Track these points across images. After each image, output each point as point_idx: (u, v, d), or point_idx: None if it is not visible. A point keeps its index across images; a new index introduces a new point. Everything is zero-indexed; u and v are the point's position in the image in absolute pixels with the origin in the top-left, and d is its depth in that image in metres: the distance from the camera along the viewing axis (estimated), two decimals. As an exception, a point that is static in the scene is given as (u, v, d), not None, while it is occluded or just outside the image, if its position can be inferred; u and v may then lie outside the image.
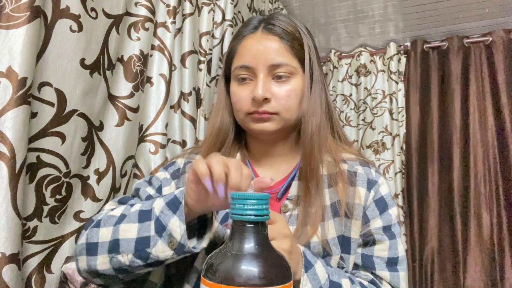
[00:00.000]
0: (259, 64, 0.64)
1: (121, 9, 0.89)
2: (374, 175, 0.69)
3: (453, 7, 2.10)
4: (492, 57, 2.26)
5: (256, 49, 0.65)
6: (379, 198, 0.67)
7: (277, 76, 0.65)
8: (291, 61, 0.65)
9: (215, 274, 0.35)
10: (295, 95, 0.66)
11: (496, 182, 2.14)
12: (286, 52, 0.65)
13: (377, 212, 0.66)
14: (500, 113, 2.19)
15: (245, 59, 0.66)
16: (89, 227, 0.59)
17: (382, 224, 0.66)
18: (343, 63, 2.71)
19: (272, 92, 0.64)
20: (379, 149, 2.47)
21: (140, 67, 0.94)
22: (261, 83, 0.64)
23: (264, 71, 0.64)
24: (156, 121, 1.01)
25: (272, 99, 0.64)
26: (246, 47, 0.67)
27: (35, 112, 0.68)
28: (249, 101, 0.65)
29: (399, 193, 2.38)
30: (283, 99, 0.64)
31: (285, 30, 0.66)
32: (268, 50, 0.64)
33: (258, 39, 0.66)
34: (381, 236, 0.65)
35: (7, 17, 0.62)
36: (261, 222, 0.37)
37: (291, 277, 0.37)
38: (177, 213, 0.51)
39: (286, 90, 0.65)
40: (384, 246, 0.65)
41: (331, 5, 2.11)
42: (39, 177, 0.70)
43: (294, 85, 0.65)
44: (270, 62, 0.64)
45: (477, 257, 2.11)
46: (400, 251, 0.66)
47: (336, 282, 0.57)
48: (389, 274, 0.64)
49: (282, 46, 0.65)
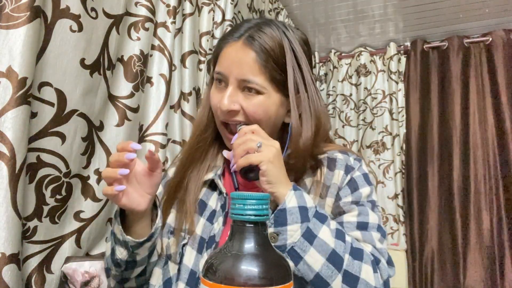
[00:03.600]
0: (231, 75, 0.65)
1: (121, 9, 0.89)
2: (353, 162, 0.70)
3: (453, 7, 2.10)
4: (492, 57, 2.26)
5: (232, 59, 0.66)
6: (350, 180, 0.68)
7: (247, 88, 0.65)
8: (261, 80, 0.64)
9: (215, 274, 0.35)
10: (263, 110, 0.65)
11: (496, 182, 2.14)
12: (259, 70, 0.64)
13: (348, 191, 0.67)
14: (500, 113, 2.19)
15: (222, 67, 0.67)
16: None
17: (351, 199, 0.66)
18: (343, 63, 2.71)
19: (241, 104, 0.65)
20: (379, 149, 2.47)
21: (140, 67, 0.94)
22: (228, 93, 0.65)
23: (234, 83, 0.65)
24: (156, 121, 1.01)
25: (241, 111, 0.66)
26: (225, 54, 0.68)
27: (35, 112, 0.68)
28: (219, 107, 0.66)
29: (399, 193, 2.38)
30: (250, 112, 0.65)
31: (264, 47, 0.65)
32: (241, 63, 0.65)
33: (236, 49, 0.66)
34: (349, 206, 0.65)
35: (7, 17, 0.62)
36: (261, 222, 0.37)
37: (291, 277, 0.37)
38: (116, 219, 0.60)
39: (253, 104, 0.65)
40: (353, 213, 0.65)
41: (331, 5, 2.11)
42: (39, 177, 0.70)
43: (262, 100, 0.65)
44: (240, 76, 0.65)
45: (477, 257, 2.11)
46: (371, 219, 0.64)
47: (322, 214, 0.58)
48: (360, 233, 0.63)
49: (256, 63, 0.64)
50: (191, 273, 0.62)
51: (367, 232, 0.63)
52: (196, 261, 0.63)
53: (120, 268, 0.64)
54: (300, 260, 0.54)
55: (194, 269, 0.62)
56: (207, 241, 0.64)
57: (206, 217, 0.67)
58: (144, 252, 0.62)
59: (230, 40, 0.68)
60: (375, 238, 0.63)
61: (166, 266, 0.66)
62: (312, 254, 0.54)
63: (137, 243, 0.59)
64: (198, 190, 0.70)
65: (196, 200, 0.69)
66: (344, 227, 0.63)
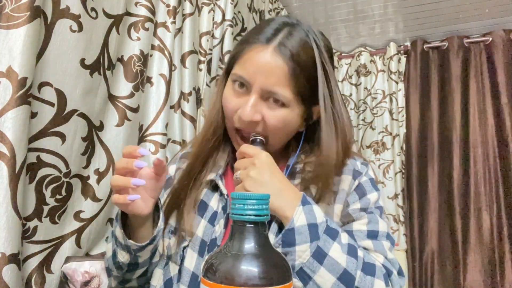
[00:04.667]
0: (256, 83, 0.60)
1: (121, 9, 0.89)
2: (360, 166, 0.69)
3: (453, 7, 2.09)
4: (492, 57, 2.26)
5: (259, 65, 0.60)
6: (358, 185, 0.67)
7: (270, 101, 0.62)
8: (286, 93, 0.60)
9: (215, 274, 0.35)
10: (284, 124, 0.63)
11: (496, 182, 2.14)
12: (286, 82, 0.60)
13: (356, 197, 0.65)
14: (500, 113, 2.19)
15: (245, 71, 0.62)
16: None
17: (360, 206, 0.65)
18: (343, 63, 2.71)
19: (263, 115, 0.62)
20: (379, 149, 2.47)
21: (140, 67, 0.94)
22: (251, 103, 0.61)
23: (258, 92, 0.61)
24: (156, 121, 1.01)
25: (262, 121, 0.62)
26: (250, 58, 0.62)
27: (35, 112, 0.68)
28: (237, 115, 0.63)
29: (399, 193, 2.38)
30: (271, 125, 0.62)
31: (295, 57, 0.60)
32: (269, 73, 0.60)
33: (265, 56, 0.60)
34: (358, 214, 0.64)
35: (7, 17, 0.62)
36: (261, 222, 0.37)
37: (291, 277, 0.37)
38: (118, 222, 0.59)
39: (275, 117, 0.62)
40: (363, 221, 0.64)
41: (331, 5, 2.11)
42: (39, 177, 0.70)
43: (285, 113, 0.62)
44: (266, 87, 0.60)
45: (477, 257, 2.11)
46: (381, 227, 0.64)
47: (333, 228, 0.56)
48: (372, 242, 0.61)
49: (285, 74, 0.60)
50: (193, 276, 0.61)
51: (378, 241, 0.62)
52: (198, 264, 0.62)
53: (121, 270, 0.63)
54: (309, 281, 0.52)
55: (196, 272, 0.61)
56: (209, 244, 0.62)
57: (207, 218, 0.66)
58: (146, 254, 0.62)
59: (257, 43, 0.62)
60: (386, 247, 0.62)
61: (167, 267, 0.66)
62: (322, 274, 0.52)
63: (140, 246, 0.58)
64: (199, 190, 0.68)
65: (196, 201, 0.67)
66: (354, 235, 0.62)
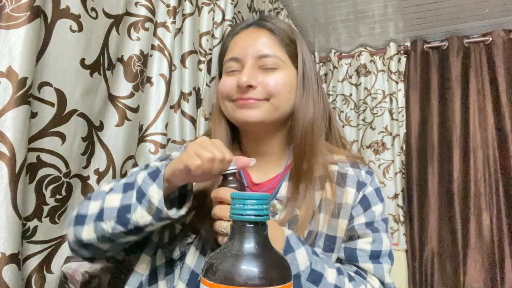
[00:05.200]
0: (247, 55, 0.65)
1: (121, 9, 0.89)
2: (364, 176, 0.69)
3: (453, 7, 2.10)
4: (492, 57, 2.26)
5: (245, 41, 0.66)
6: (363, 197, 0.67)
7: (264, 67, 0.64)
8: (279, 53, 0.65)
9: (215, 274, 0.35)
10: (283, 83, 0.64)
11: (496, 182, 2.14)
12: (275, 45, 0.66)
13: (361, 210, 0.66)
14: (500, 113, 2.19)
15: (234, 52, 0.67)
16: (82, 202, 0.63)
17: (365, 220, 0.65)
18: (343, 63, 2.71)
19: (258, 81, 0.64)
20: (379, 149, 2.47)
21: (140, 67, 0.94)
22: (247, 70, 0.63)
23: (251, 60, 0.64)
24: (156, 121, 1.01)
25: (258, 86, 0.64)
26: (236, 42, 0.68)
27: (35, 112, 0.68)
28: (234, 88, 0.65)
29: (399, 193, 2.38)
30: (270, 86, 0.64)
31: (276, 26, 0.67)
32: (257, 41, 0.65)
33: (248, 33, 0.67)
34: (364, 231, 0.65)
35: (7, 17, 0.62)
36: (261, 222, 0.37)
37: (291, 277, 0.37)
38: (156, 181, 0.54)
39: (273, 78, 0.64)
40: (367, 239, 0.65)
41: (331, 5, 2.11)
42: (39, 177, 0.70)
43: (281, 75, 0.65)
44: (257, 52, 0.64)
45: (477, 257, 2.11)
46: (385, 245, 0.65)
47: (317, 271, 0.56)
48: (373, 266, 0.63)
49: (271, 39, 0.66)
50: (192, 274, 0.61)
51: (379, 264, 0.63)
52: (199, 263, 0.62)
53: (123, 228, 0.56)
54: None
55: (196, 270, 0.61)
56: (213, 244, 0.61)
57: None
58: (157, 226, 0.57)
59: (238, 30, 0.69)
60: (385, 270, 0.63)
61: (154, 256, 0.65)
62: None
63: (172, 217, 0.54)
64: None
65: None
66: (357, 254, 0.63)
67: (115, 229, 0.55)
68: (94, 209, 0.58)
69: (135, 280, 0.65)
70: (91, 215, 0.58)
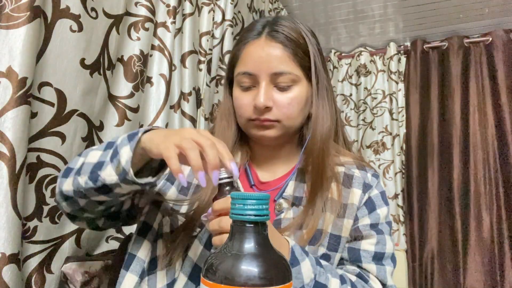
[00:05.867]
0: (261, 72, 0.64)
1: (121, 9, 0.89)
2: (370, 179, 0.70)
3: (453, 7, 2.09)
4: (492, 57, 2.26)
5: (259, 56, 0.65)
6: (368, 199, 0.68)
7: (279, 86, 0.65)
8: (293, 69, 0.65)
9: (215, 274, 0.35)
10: (297, 103, 0.66)
11: (496, 182, 2.14)
12: (289, 60, 0.65)
13: (366, 211, 0.67)
14: (500, 113, 2.19)
15: (248, 66, 0.66)
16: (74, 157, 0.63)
17: (370, 222, 0.67)
18: (343, 63, 2.71)
19: (274, 100, 0.65)
20: (379, 149, 2.47)
21: (140, 67, 0.94)
22: (263, 91, 0.64)
23: (266, 79, 0.64)
24: (156, 121, 1.01)
25: (274, 107, 0.65)
26: (249, 54, 0.66)
27: (35, 112, 0.68)
28: (251, 108, 0.65)
29: (399, 193, 2.38)
30: (285, 107, 0.65)
31: (288, 37, 0.65)
32: (271, 58, 0.64)
33: (261, 46, 0.65)
34: (368, 232, 0.66)
35: (7, 17, 0.62)
36: (261, 222, 0.37)
37: (291, 277, 0.37)
38: (131, 143, 0.53)
39: (288, 98, 0.65)
40: (372, 240, 0.66)
41: (331, 5, 2.11)
42: (39, 177, 0.70)
43: (296, 93, 0.66)
44: (272, 70, 0.64)
45: (477, 257, 2.11)
46: (388, 248, 0.66)
47: (321, 283, 0.57)
48: (376, 267, 0.64)
49: (285, 54, 0.65)
50: (195, 267, 0.61)
51: (382, 266, 0.65)
52: (202, 256, 0.62)
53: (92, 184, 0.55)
54: None
55: (199, 264, 0.61)
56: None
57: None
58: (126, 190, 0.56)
59: (250, 39, 0.67)
60: (388, 273, 0.65)
61: (155, 244, 0.64)
62: None
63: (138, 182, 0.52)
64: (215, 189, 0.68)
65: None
66: (361, 255, 0.65)
67: (87, 184, 0.55)
68: (78, 163, 0.59)
69: (138, 267, 0.63)
70: (74, 168, 0.58)
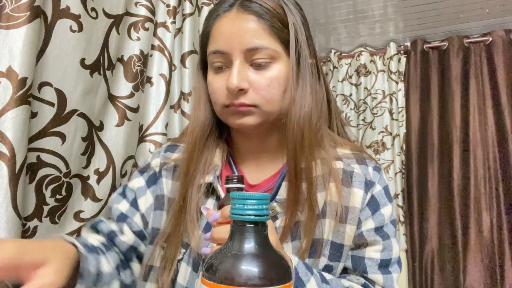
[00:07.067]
0: (233, 49, 0.56)
1: (121, 9, 0.89)
2: (372, 174, 0.62)
3: (453, 7, 2.09)
4: (492, 57, 2.26)
5: (229, 31, 0.56)
6: (371, 198, 0.61)
7: (255, 63, 0.56)
8: (271, 43, 0.56)
9: (215, 274, 0.35)
10: (278, 84, 0.57)
11: (496, 182, 2.14)
12: (265, 33, 0.55)
13: (369, 213, 0.60)
14: (500, 113, 2.19)
15: (219, 44, 0.57)
16: None
17: (374, 225, 0.60)
18: (343, 63, 2.71)
19: (250, 81, 0.56)
20: (379, 149, 2.47)
21: (140, 67, 0.94)
22: (236, 71, 0.55)
23: (240, 56, 0.56)
24: (156, 121, 1.01)
25: (250, 89, 0.56)
26: (219, 29, 0.58)
27: (35, 112, 0.68)
28: (225, 92, 0.57)
29: (399, 193, 2.38)
30: (263, 89, 0.56)
31: (263, 7, 0.56)
32: (243, 31, 0.55)
33: (232, 19, 0.56)
34: (373, 238, 0.59)
35: (7, 17, 0.62)
36: (261, 222, 0.37)
37: (291, 277, 0.37)
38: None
39: (266, 78, 0.56)
40: (377, 247, 0.60)
41: (331, 5, 2.11)
42: (39, 177, 0.70)
43: (276, 71, 0.56)
44: (246, 45, 0.55)
45: (477, 257, 2.11)
46: (395, 252, 0.61)
47: None
48: (382, 277, 0.59)
49: (260, 26, 0.55)
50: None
51: (389, 274, 0.60)
52: (191, 280, 0.57)
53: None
54: None
55: (190, 287, 0.57)
56: (204, 258, 0.56)
57: (201, 227, 0.59)
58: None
59: (220, 12, 0.59)
60: (394, 280, 0.60)
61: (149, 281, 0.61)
62: None
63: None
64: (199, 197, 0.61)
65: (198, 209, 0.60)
66: (366, 264, 0.59)
67: None
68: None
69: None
70: None
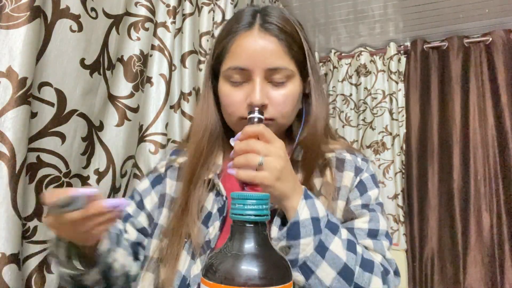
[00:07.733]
0: (256, 67, 0.60)
1: (121, 9, 0.89)
2: (361, 163, 0.69)
3: (453, 7, 2.10)
4: (492, 57, 2.26)
5: (253, 50, 0.60)
6: (359, 182, 0.67)
7: (274, 81, 0.62)
8: (288, 64, 0.62)
9: (215, 274, 0.35)
10: (292, 100, 0.63)
11: (496, 182, 2.14)
12: (284, 54, 0.61)
13: (357, 193, 0.66)
14: (500, 113, 2.19)
15: (241, 60, 0.61)
16: None
17: (361, 202, 0.65)
18: (343, 63, 2.71)
19: (269, 97, 0.62)
20: (379, 149, 2.47)
21: (140, 67, 0.94)
22: (259, 88, 0.60)
23: (261, 74, 0.61)
24: (156, 121, 1.01)
25: (269, 104, 0.62)
26: (241, 47, 0.62)
27: (35, 112, 0.68)
28: (244, 105, 0.62)
29: (399, 193, 2.38)
30: (280, 105, 0.62)
31: (282, 30, 0.62)
32: (266, 52, 0.60)
33: (254, 39, 0.61)
34: (360, 211, 0.64)
35: (7, 17, 0.62)
36: (261, 222, 0.37)
37: (291, 277, 0.37)
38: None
39: (283, 95, 0.62)
40: (365, 219, 0.64)
41: (331, 5, 2.11)
42: (39, 177, 0.70)
43: (290, 89, 0.63)
44: (268, 65, 0.60)
45: (477, 257, 2.11)
46: (382, 225, 0.64)
47: (334, 223, 0.56)
48: (372, 242, 0.62)
49: (280, 48, 0.61)
50: (183, 279, 0.59)
51: (378, 240, 0.63)
52: (189, 267, 0.59)
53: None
54: (311, 275, 0.52)
55: (186, 275, 0.59)
56: (201, 246, 0.60)
57: (201, 220, 0.63)
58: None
59: (241, 30, 0.62)
60: (385, 247, 0.63)
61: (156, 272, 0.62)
62: (324, 268, 0.52)
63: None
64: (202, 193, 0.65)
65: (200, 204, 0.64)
66: (355, 233, 0.62)
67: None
68: None
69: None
70: None
